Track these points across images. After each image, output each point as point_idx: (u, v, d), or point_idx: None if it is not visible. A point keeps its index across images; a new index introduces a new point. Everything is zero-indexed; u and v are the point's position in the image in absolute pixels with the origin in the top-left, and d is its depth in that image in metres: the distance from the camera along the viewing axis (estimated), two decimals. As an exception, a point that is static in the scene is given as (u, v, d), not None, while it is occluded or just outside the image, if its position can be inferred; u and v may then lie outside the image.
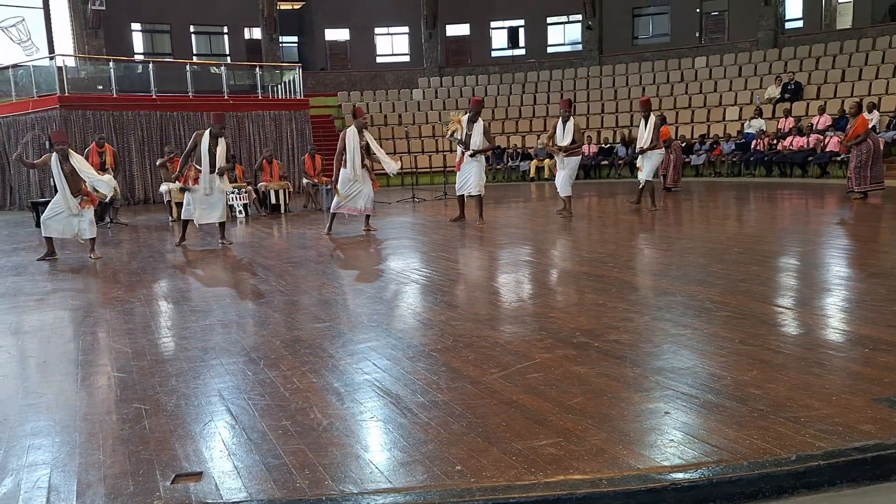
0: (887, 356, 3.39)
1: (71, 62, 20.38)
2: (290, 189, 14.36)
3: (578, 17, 25.66)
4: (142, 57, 24.00)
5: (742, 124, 18.94)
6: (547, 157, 19.35)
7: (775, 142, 17.22)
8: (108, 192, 8.22)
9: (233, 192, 12.77)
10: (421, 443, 2.66)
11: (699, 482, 2.30)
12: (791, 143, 16.67)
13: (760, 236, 8.05)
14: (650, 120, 10.66)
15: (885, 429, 2.58)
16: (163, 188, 13.26)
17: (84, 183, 8.04)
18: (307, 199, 14.51)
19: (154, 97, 17.96)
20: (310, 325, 4.61)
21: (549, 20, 26.98)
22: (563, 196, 10.55)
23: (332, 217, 9.66)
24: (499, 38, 27.43)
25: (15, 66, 18.93)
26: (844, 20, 23.71)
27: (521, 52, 26.89)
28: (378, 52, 27.90)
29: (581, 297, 5.19)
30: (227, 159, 9.20)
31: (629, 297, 5.06)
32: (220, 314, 5.05)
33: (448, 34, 27.12)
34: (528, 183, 20.18)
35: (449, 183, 15.21)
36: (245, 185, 13.30)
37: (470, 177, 10.02)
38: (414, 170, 20.22)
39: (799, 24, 23.86)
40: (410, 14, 26.06)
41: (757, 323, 4.12)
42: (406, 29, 27.38)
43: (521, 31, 26.90)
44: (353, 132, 9.28)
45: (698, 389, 3.06)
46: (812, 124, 16.79)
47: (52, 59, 19.20)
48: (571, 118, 10.44)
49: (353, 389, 3.30)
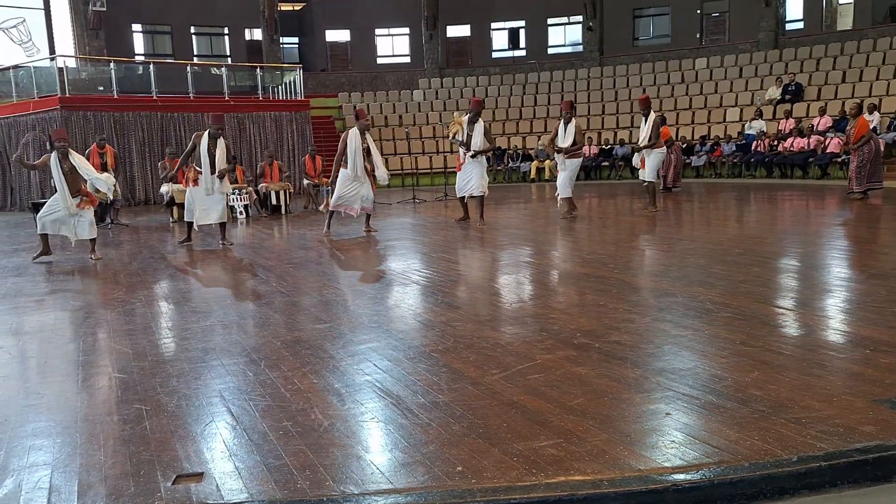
0: (888, 357, 3.39)
1: (72, 63, 20.41)
2: (291, 190, 14.37)
3: (579, 18, 25.68)
4: (142, 58, 24.03)
5: (743, 125, 18.96)
6: (547, 159, 19.37)
7: (776, 143, 17.23)
8: (107, 189, 8.22)
9: (233, 193, 12.79)
10: (422, 444, 2.66)
11: (700, 483, 2.30)
12: (792, 145, 16.68)
13: (761, 237, 8.05)
14: (650, 118, 10.62)
15: (886, 430, 2.57)
16: (163, 189, 13.29)
17: (84, 183, 8.04)
18: (308, 200, 14.53)
19: (155, 98, 17.98)
20: (310, 326, 4.61)
21: (550, 21, 27.00)
22: (562, 197, 10.50)
23: (331, 215, 9.66)
24: (499, 39, 27.44)
25: (16, 66, 18.96)
26: (845, 21, 23.72)
27: (522, 53, 26.91)
28: (378, 53, 27.92)
29: (582, 297, 5.19)
30: (228, 160, 9.20)
31: (630, 298, 5.06)
32: (221, 315, 5.05)
33: (448, 35, 27.14)
34: (529, 184, 20.20)
35: (449, 184, 15.22)
36: (245, 185, 13.32)
37: (472, 178, 10.01)
38: (414, 171, 20.22)
39: (799, 25, 23.88)
40: (411, 15, 26.08)
41: (758, 324, 4.12)
42: (406, 30, 27.39)
43: (522, 32, 26.92)
44: (355, 133, 9.29)
45: (699, 390, 3.06)
46: (813, 125, 16.80)
47: (52, 59, 19.22)
48: (573, 119, 10.40)
49: (354, 390, 3.30)
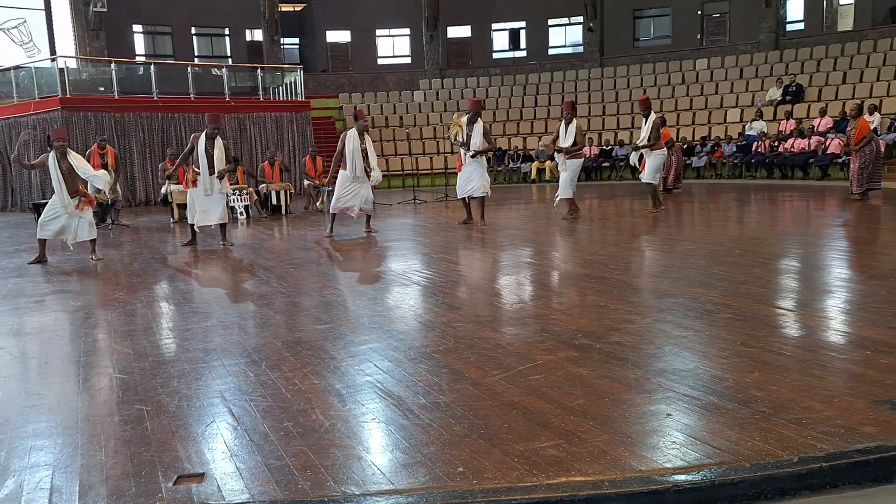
0: (888, 358, 3.39)
1: (72, 64, 20.42)
2: (292, 190, 14.38)
3: (579, 18, 25.67)
4: (143, 58, 24.04)
5: (743, 126, 18.95)
6: (548, 159, 19.37)
7: (776, 144, 17.22)
8: (104, 185, 8.20)
9: (234, 194, 12.79)
10: (423, 444, 2.66)
11: (701, 484, 2.30)
12: (792, 145, 16.67)
13: (762, 238, 8.05)
14: (650, 119, 10.61)
15: (887, 431, 2.57)
16: (164, 190, 13.31)
17: (82, 184, 8.04)
18: (308, 201, 14.54)
19: (155, 99, 17.98)
20: (311, 327, 4.61)
21: (551, 22, 27.00)
22: (563, 198, 10.49)
23: (333, 218, 9.63)
24: (500, 40, 27.44)
25: (16, 67, 18.97)
26: (845, 22, 23.72)
27: (523, 53, 26.90)
28: (379, 54, 27.92)
29: (582, 298, 5.19)
30: (229, 159, 9.16)
31: (631, 298, 5.06)
32: (222, 315, 5.05)
33: (449, 36, 27.14)
34: (529, 185, 20.19)
35: (450, 185, 15.22)
36: (246, 186, 13.33)
37: (473, 179, 10.00)
38: (415, 171, 20.22)
39: (800, 25, 23.87)
40: (411, 16, 26.07)
41: (758, 325, 4.12)
42: (407, 31, 27.39)
43: (523, 33, 26.92)
44: (353, 134, 9.28)
45: (700, 391, 3.06)
46: (813, 126, 16.79)
47: (53, 60, 19.22)
48: (574, 120, 10.39)
49: (355, 391, 3.30)
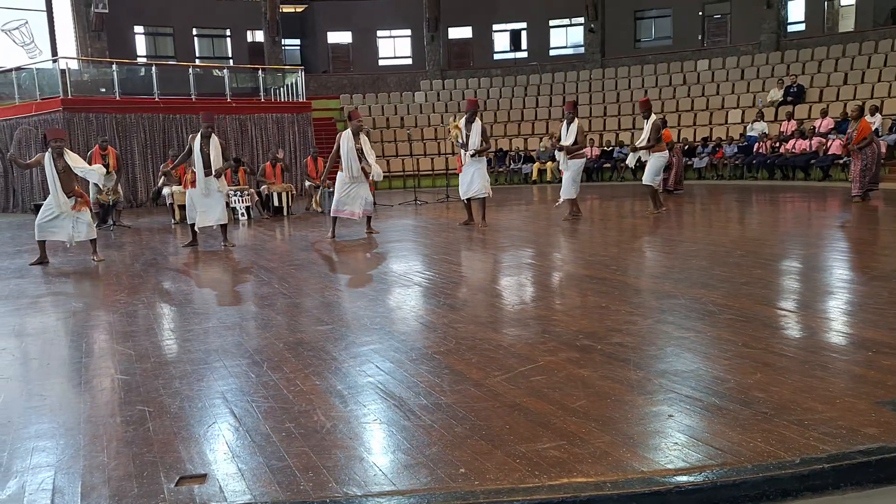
0: (890, 359, 3.39)
1: (74, 65, 20.48)
2: (293, 192, 14.39)
3: (581, 19, 25.67)
4: (144, 59, 24.07)
5: (744, 127, 18.94)
6: (549, 160, 19.37)
7: (777, 145, 17.21)
8: (98, 180, 8.21)
9: (235, 195, 12.80)
10: (424, 445, 2.66)
11: (703, 485, 2.30)
12: (793, 146, 16.66)
13: (763, 239, 8.05)
14: (650, 120, 10.62)
15: (889, 432, 2.57)
16: (165, 191, 13.31)
17: (78, 184, 8.03)
18: (309, 202, 14.54)
19: (157, 100, 18.00)
20: (312, 328, 4.61)
21: (552, 23, 27.01)
22: (565, 198, 10.49)
23: (334, 221, 9.60)
24: (501, 41, 27.45)
25: (18, 68, 19.00)
26: (847, 23, 23.70)
27: (524, 54, 26.91)
28: (380, 55, 27.94)
29: (584, 299, 5.19)
30: (226, 157, 9.09)
31: (632, 299, 5.06)
32: (223, 316, 5.05)
33: (450, 37, 27.15)
34: (531, 186, 20.19)
35: (451, 185, 15.22)
36: (247, 187, 13.34)
37: (474, 180, 9.99)
38: (416, 172, 20.23)
39: (801, 27, 23.86)
40: (413, 17, 26.09)
41: (760, 326, 4.12)
42: (408, 32, 27.41)
43: (524, 34, 26.92)
44: (347, 135, 9.24)
45: (702, 392, 3.06)
46: (814, 127, 16.79)
47: (55, 61, 19.28)
48: (576, 119, 10.38)
49: (357, 392, 3.30)
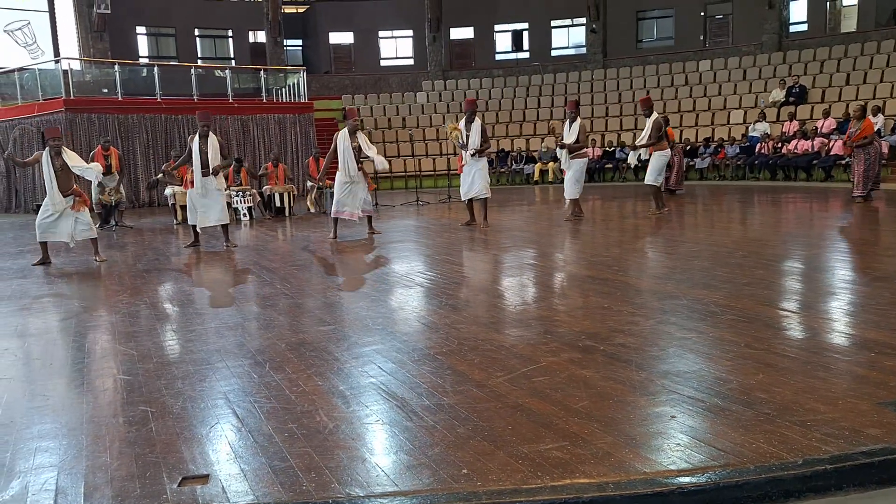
0: (893, 360, 3.38)
1: (76, 65, 20.51)
2: (295, 192, 14.38)
3: (582, 20, 25.67)
4: (147, 60, 24.09)
5: (746, 128, 18.93)
6: (551, 161, 19.36)
7: (780, 145, 17.19)
8: (94, 178, 8.22)
9: (237, 195, 12.81)
10: (427, 446, 2.66)
11: (706, 486, 2.30)
12: (795, 147, 16.64)
13: (765, 240, 8.04)
14: (651, 118, 10.60)
15: (892, 433, 2.57)
16: (167, 191, 13.32)
17: (77, 183, 8.03)
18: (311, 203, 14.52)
19: (159, 100, 18.01)
20: (315, 328, 4.61)
21: (553, 23, 26.99)
22: (568, 199, 10.49)
23: (336, 222, 9.59)
24: (503, 42, 27.44)
25: (20, 69, 19.02)
26: (849, 23, 23.66)
27: (526, 55, 26.89)
28: (382, 56, 27.94)
29: (586, 300, 5.19)
30: (225, 155, 9.08)
31: (634, 300, 5.06)
32: (225, 317, 5.06)
33: (452, 37, 27.15)
34: (532, 186, 20.18)
35: (453, 186, 15.22)
36: (249, 187, 13.34)
37: (475, 180, 9.99)
38: (417, 173, 20.23)
39: (803, 27, 23.83)
40: (414, 17, 26.10)
41: (762, 326, 4.12)
42: (410, 32, 27.41)
43: (526, 35, 26.91)
44: (343, 134, 9.22)
45: (704, 393, 3.06)
46: (816, 128, 16.76)
47: (57, 62, 19.30)
48: (578, 119, 10.37)
49: (359, 392, 3.30)
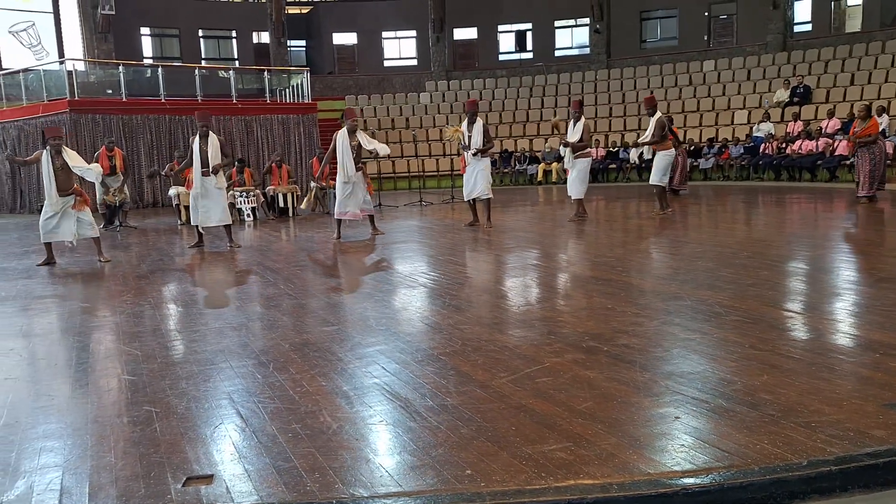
0: (898, 361, 3.37)
1: (81, 66, 20.56)
2: (298, 193, 14.40)
3: (586, 20, 25.65)
4: (151, 61, 24.14)
5: (750, 128, 18.90)
6: (554, 161, 19.35)
7: (784, 145, 17.16)
8: (94, 179, 8.24)
9: (240, 196, 12.83)
10: (430, 447, 2.66)
11: (710, 487, 2.30)
12: (800, 147, 16.61)
13: (769, 240, 8.02)
14: (654, 117, 10.59)
15: (897, 434, 2.56)
16: (171, 192, 13.34)
17: (77, 183, 8.05)
18: (315, 203, 14.55)
19: (163, 101, 18.05)
20: (318, 329, 4.62)
21: (557, 24, 26.97)
22: (573, 199, 10.50)
23: (339, 223, 9.59)
24: (506, 42, 27.44)
25: (25, 70, 19.09)
26: (853, 23, 23.60)
27: (529, 55, 26.88)
28: (385, 56, 27.97)
29: (589, 300, 5.18)
30: (226, 154, 9.08)
31: (638, 301, 5.05)
32: (229, 317, 5.06)
33: (455, 38, 27.15)
34: (536, 186, 20.17)
35: (456, 186, 15.21)
36: (253, 188, 13.36)
37: (477, 181, 9.99)
38: (421, 173, 20.23)
39: (808, 27, 23.78)
40: (418, 18, 26.11)
41: (767, 327, 4.11)
42: (413, 33, 27.42)
43: (529, 35, 26.90)
44: (343, 134, 9.21)
45: (708, 394, 3.06)
46: (821, 128, 16.72)
47: (62, 63, 19.35)
48: (582, 118, 10.36)
49: (363, 393, 3.30)
